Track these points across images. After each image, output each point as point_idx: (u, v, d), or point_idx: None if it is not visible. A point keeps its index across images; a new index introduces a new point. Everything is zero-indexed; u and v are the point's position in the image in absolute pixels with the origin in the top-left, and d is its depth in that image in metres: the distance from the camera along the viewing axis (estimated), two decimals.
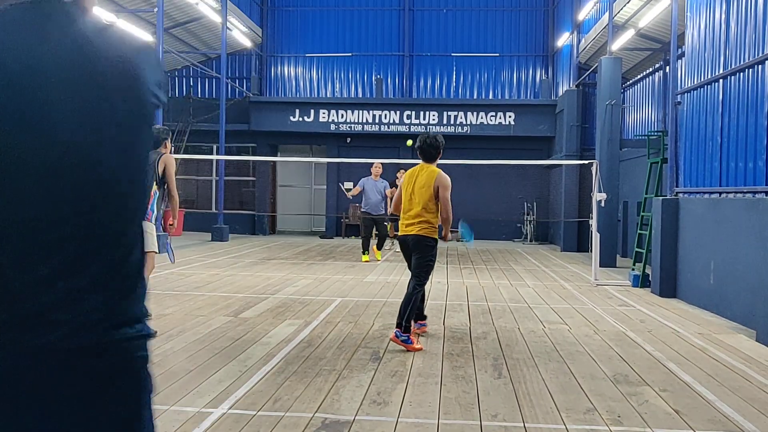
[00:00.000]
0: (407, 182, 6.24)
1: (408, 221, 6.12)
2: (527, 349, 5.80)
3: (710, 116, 8.42)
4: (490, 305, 8.15)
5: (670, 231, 9.19)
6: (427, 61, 21.88)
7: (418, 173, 6.20)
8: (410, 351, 5.58)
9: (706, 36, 8.60)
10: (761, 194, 6.97)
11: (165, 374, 4.72)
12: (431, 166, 6.22)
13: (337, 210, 21.11)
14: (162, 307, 7.40)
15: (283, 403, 4.16)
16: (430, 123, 20.13)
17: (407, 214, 6.14)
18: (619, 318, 7.45)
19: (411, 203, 6.12)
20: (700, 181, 8.71)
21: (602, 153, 13.37)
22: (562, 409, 4.16)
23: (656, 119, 15.12)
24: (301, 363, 5.15)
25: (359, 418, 3.90)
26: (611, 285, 10.24)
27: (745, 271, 7.15)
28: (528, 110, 20.05)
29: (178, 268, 11.09)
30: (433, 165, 6.25)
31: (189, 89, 21.97)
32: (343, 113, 20.39)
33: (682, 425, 3.92)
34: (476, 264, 13.23)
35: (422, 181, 6.12)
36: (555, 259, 14.58)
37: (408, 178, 6.29)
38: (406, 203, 6.17)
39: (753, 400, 4.43)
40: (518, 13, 21.65)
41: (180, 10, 18.11)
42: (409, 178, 6.26)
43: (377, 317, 7.16)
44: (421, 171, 6.21)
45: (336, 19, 22.06)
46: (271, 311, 7.38)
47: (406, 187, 6.21)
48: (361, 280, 10.32)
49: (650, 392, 4.57)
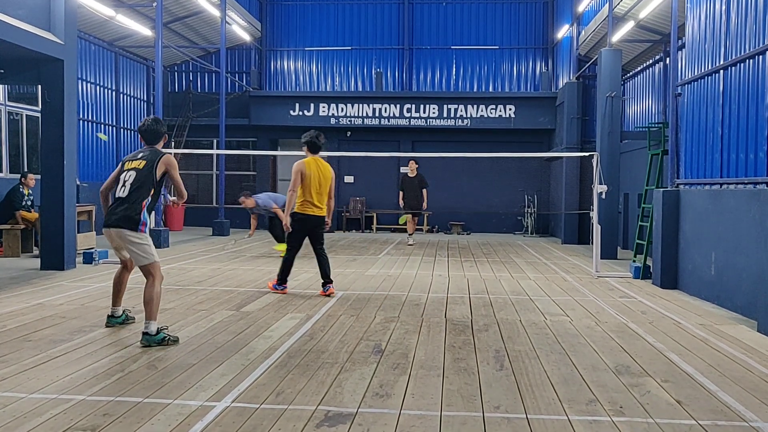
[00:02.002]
0: (315, 173, 7.96)
1: (320, 205, 8.04)
2: (529, 341, 5.81)
3: (711, 107, 8.41)
4: (492, 297, 8.16)
5: (671, 222, 9.19)
6: (427, 55, 21.84)
7: (319, 165, 8.04)
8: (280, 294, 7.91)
9: (707, 27, 8.58)
10: (762, 185, 6.97)
11: (168, 368, 4.74)
12: (322, 159, 8.19)
13: (338, 204, 21.12)
14: (164, 302, 7.40)
15: (286, 396, 4.18)
16: (431, 116, 20.12)
17: (319, 199, 8.01)
18: (621, 309, 7.46)
19: (321, 190, 8.00)
20: (700, 173, 8.70)
21: (603, 145, 13.37)
22: (564, 401, 4.17)
23: (657, 111, 15.09)
24: (304, 356, 5.17)
25: (362, 411, 3.92)
26: (612, 277, 10.25)
27: (746, 262, 7.16)
28: (528, 103, 20.02)
29: (180, 263, 11.10)
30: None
31: (188, 84, 21.94)
32: (343, 107, 20.37)
33: (684, 416, 3.94)
34: (477, 257, 13.24)
35: (325, 172, 8.04)
36: (556, 252, 14.59)
37: (314, 169, 7.97)
38: (316, 190, 7.96)
39: (754, 390, 4.45)
40: (518, 6, 21.59)
41: (179, 5, 18.06)
42: (315, 170, 7.98)
43: (379, 310, 7.18)
44: (320, 163, 8.09)
45: (335, 13, 22.01)
46: (273, 305, 7.40)
47: (317, 176, 7.96)
48: (363, 273, 10.34)
49: (652, 383, 4.59)
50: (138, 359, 4.97)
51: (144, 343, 5.36)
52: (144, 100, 20.45)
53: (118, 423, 3.64)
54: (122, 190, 5.71)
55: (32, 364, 4.80)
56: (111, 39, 18.17)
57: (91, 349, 5.27)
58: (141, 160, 5.78)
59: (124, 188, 5.70)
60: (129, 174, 5.73)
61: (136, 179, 5.68)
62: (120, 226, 5.62)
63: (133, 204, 5.65)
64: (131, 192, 5.67)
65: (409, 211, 15.50)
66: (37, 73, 10.23)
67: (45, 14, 9.85)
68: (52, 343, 5.44)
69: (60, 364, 4.79)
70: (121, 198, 5.70)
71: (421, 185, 15.35)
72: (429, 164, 18.02)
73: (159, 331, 5.46)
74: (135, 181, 5.67)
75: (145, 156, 5.81)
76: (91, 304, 7.20)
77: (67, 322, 6.28)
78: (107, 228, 5.73)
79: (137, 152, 5.94)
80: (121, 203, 5.68)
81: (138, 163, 5.76)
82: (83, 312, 6.77)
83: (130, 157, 5.89)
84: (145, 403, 3.97)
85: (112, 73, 18.57)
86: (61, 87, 10.10)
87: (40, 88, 10.54)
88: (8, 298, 7.58)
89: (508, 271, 10.96)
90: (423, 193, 15.33)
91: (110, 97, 18.46)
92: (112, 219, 5.67)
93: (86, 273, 9.73)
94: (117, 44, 18.55)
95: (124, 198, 5.68)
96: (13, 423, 3.62)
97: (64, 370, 4.64)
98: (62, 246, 10.05)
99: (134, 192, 5.67)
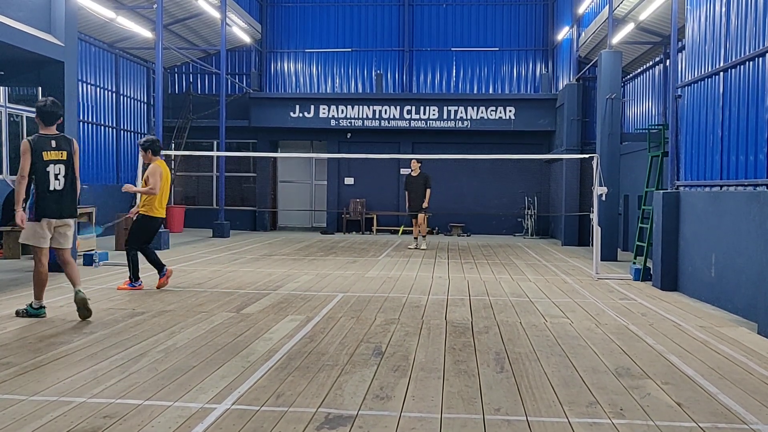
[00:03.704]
0: (166, 179, 8.56)
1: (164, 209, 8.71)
2: (529, 343, 5.81)
3: (711, 109, 8.41)
4: (492, 300, 8.16)
5: (671, 224, 9.19)
6: (427, 56, 21.86)
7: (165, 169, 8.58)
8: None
9: (707, 29, 8.58)
10: (762, 187, 6.97)
11: (168, 370, 4.74)
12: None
13: (338, 205, 21.13)
14: (164, 304, 7.42)
15: (287, 398, 4.18)
16: (431, 118, 20.14)
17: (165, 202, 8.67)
18: (621, 311, 7.46)
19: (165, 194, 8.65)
20: (700, 175, 8.70)
21: (603, 147, 13.37)
22: (564, 403, 4.17)
23: (657, 113, 15.11)
24: (304, 358, 5.17)
25: (362, 413, 3.92)
26: (612, 279, 10.25)
27: (746, 264, 7.16)
28: (528, 104, 20.04)
29: (180, 265, 11.10)
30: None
31: (189, 86, 21.96)
32: (343, 109, 20.38)
33: (685, 418, 3.93)
34: (477, 259, 13.24)
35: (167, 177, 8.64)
36: (556, 254, 14.59)
37: (166, 175, 8.56)
38: (166, 194, 8.63)
39: (755, 393, 4.45)
40: (518, 7, 21.62)
41: (179, 7, 18.09)
42: (166, 176, 8.57)
43: (379, 312, 7.18)
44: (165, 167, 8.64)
45: (335, 15, 22.04)
46: (273, 307, 7.40)
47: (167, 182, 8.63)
48: (363, 275, 10.34)
49: (652, 385, 4.59)
50: (138, 361, 4.97)
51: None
52: (144, 101, 20.47)
53: (118, 425, 3.64)
54: (57, 183, 6.30)
55: (32, 366, 4.80)
56: (111, 41, 18.19)
57: (91, 351, 5.27)
58: (60, 150, 6.36)
59: (58, 181, 6.30)
60: (58, 167, 6.33)
61: (67, 171, 6.39)
62: (74, 216, 6.57)
63: (74, 193, 6.51)
64: (67, 182, 6.41)
65: (410, 212, 15.35)
66: (38, 75, 10.24)
67: (45, 16, 9.86)
68: (53, 345, 5.44)
69: (60, 366, 4.79)
70: (59, 191, 6.32)
71: (426, 184, 14.96)
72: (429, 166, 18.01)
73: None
74: (67, 173, 6.40)
75: (63, 146, 6.38)
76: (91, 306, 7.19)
77: (68, 323, 6.28)
78: (61, 219, 6.44)
79: (49, 139, 6.35)
80: (63, 195, 6.37)
81: (60, 154, 6.35)
82: None
83: (45, 146, 6.30)
84: (146, 406, 3.97)
85: (113, 75, 18.59)
86: (62, 89, 10.10)
87: (41, 89, 10.55)
88: (8, 300, 7.58)
89: (509, 273, 10.96)
90: (426, 193, 15.04)
91: (110, 98, 18.48)
92: (66, 211, 6.44)
93: (86, 275, 9.72)
94: (117, 46, 18.57)
95: (61, 190, 6.36)
96: (13, 425, 3.62)
97: (65, 372, 4.64)
98: None
99: (69, 182, 6.43)
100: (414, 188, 15.03)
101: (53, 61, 9.89)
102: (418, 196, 14.97)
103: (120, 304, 7.42)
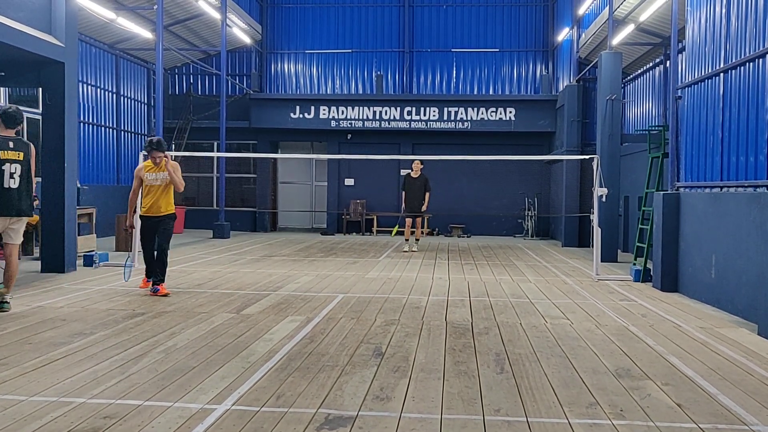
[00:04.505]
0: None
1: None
2: (529, 344, 5.81)
3: (711, 110, 8.41)
4: (492, 300, 8.16)
5: (671, 225, 9.19)
6: (428, 57, 21.87)
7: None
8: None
9: (707, 30, 8.59)
10: (762, 188, 6.97)
11: (168, 371, 4.74)
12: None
13: (338, 207, 21.13)
14: (164, 305, 7.42)
15: (287, 399, 4.18)
16: (431, 119, 20.14)
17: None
18: (621, 312, 7.46)
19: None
20: (701, 176, 8.71)
21: (603, 148, 13.38)
22: (564, 404, 4.17)
23: (657, 114, 15.11)
24: (304, 359, 5.17)
25: (362, 414, 3.92)
26: (612, 280, 10.25)
27: (746, 265, 7.16)
28: (528, 105, 20.04)
29: (180, 266, 11.10)
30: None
31: (189, 86, 21.97)
32: (343, 110, 20.39)
33: (685, 419, 3.93)
34: (477, 259, 13.24)
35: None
36: (556, 255, 14.59)
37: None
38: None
39: (755, 394, 4.45)
40: (518, 8, 21.63)
41: (180, 8, 18.09)
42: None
43: (379, 313, 7.18)
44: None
45: (336, 16, 22.05)
46: (274, 308, 7.40)
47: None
48: (363, 276, 10.34)
49: (652, 386, 4.59)
50: (138, 362, 4.97)
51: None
52: (144, 102, 20.47)
53: (118, 426, 3.64)
54: (11, 181, 6.73)
55: (32, 366, 4.80)
56: (112, 41, 18.20)
57: (91, 351, 5.27)
58: (17, 151, 6.81)
59: (13, 180, 6.73)
60: (14, 166, 6.75)
61: (23, 171, 6.82)
62: (28, 215, 6.97)
63: (29, 193, 6.93)
64: (22, 182, 6.82)
65: (409, 213, 15.06)
66: (38, 76, 10.25)
67: (46, 17, 9.86)
68: (53, 345, 5.45)
69: (60, 367, 4.80)
70: (13, 189, 6.74)
71: (425, 187, 14.63)
72: (429, 167, 17.99)
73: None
74: (23, 173, 6.83)
75: (20, 148, 6.85)
76: (91, 307, 7.20)
77: (68, 324, 6.28)
78: (19, 216, 6.89)
79: (7, 140, 6.80)
80: (19, 193, 6.80)
81: (17, 155, 6.79)
82: (84, 315, 6.77)
83: (3, 146, 6.74)
84: (146, 406, 3.97)
85: (113, 76, 18.59)
86: (62, 89, 10.11)
87: (41, 90, 10.57)
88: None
89: (509, 274, 10.96)
90: (425, 196, 14.86)
91: (111, 99, 18.48)
92: (20, 209, 6.84)
93: (87, 276, 9.73)
94: (118, 47, 18.57)
95: (17, 188, 6.77)
96: (13, 426, 3.62)
97: (65, 373, 4.64)
98: (63, 249, 10.04)
99: (25, 182, 6.85)
100: (412, 189, 14.59)
101: (54, 61, 9.89)
102: (416, 197, 14.55)
103: (120, 305, 7.43)
